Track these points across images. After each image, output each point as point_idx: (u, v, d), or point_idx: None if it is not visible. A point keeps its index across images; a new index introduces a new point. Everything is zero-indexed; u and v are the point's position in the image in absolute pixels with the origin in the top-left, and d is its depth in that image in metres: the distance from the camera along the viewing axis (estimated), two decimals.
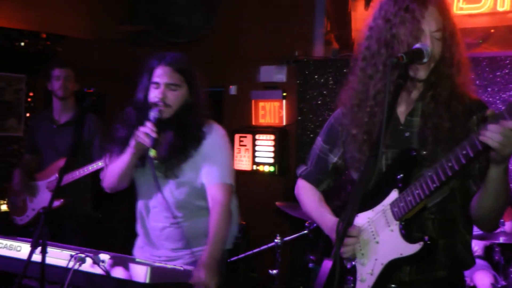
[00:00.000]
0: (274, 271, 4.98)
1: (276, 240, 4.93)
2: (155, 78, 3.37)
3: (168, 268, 3.27)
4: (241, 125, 7.06)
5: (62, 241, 3.45)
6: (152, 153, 3.22)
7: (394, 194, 2.51)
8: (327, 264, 2.12)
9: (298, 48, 6.70)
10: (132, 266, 3.00)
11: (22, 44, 6.70)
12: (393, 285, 2.55)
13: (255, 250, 5.15)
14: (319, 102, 6.50)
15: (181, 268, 3.30)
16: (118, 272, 3.01)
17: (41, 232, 2.81)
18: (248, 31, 7.13)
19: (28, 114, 6.80)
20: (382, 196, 2.55)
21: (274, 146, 6.78)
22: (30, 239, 3.26)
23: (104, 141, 5.28)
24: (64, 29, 6.93)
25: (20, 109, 6.78)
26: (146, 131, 3.24)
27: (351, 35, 6.72)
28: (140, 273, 2.95)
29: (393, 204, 2.51)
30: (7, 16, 6.61)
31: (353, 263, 2.62)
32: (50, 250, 3.10)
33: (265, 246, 5.02)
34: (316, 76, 6.53)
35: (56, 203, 5.10)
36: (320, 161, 2.98)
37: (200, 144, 3.41)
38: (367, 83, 2.67)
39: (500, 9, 5.82)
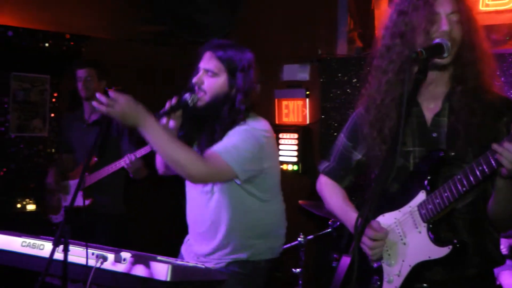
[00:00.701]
0: (298, 270, 4.95)
1: (299, 239, 4.91)
2: (200, 63, 3.33)
3: (189, 266, 3.26)
4: None
5: (94, 240, 3.45)
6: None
7: (421, 196, 2.49)
8: (346, 260, 2.10)
9: (321, 47, 6.67)
10: (153, 264, 2.99)
11: (47, 45, 6.75)
12: (424, 285, 2.53)
13: None
14: (343, 100, 6.46)
15: (203, 266, 3.30)
16: (139, 270, 3.01)
17: (63, 230, 2.80)
18: (271, 29, 7.11)
19: (52, 115, 6.85)
20: (409, 197, 2.53)
21: (297, 145, 6.76)
22: (51, 238, 3.30)
23: (132, 139, 5.31)
24: (87, 30, 6.97)
25: (45, 110, 6.82)
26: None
27: (375, 33, 6.67)
28: (161, 271, 2.94)
29: (420, 206, 2.48)
30: (31, 17, 6.67)
31: (380, 263, 2.61)
32: (72, 248, 3.08)
33: (289, 245, 4.99)
34: (339, 74, 6.49)
35: (86, 202, 5.14)
36: (343, 157, 2.96)
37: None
38: (381, 78, 2.65)
39: None
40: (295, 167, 6.76)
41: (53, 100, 6.88)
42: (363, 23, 6.73)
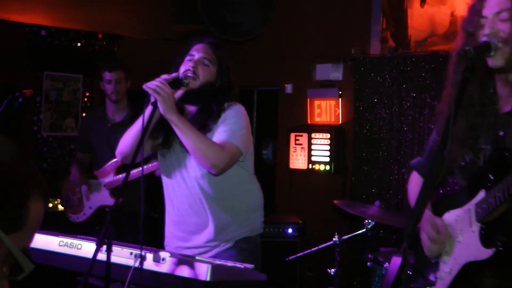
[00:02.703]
0: (333, 270, 4.92)
1: (334, 239, 4.87)
2: (192, 51, 3.49)
3: (228, 266, 3.25)
4: (296, 123, 7.03)
5: (119, 239, 3.44)
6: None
7: (481, 194, 2.47)
8: (396, 260, 2.07)
9: (355, 46, 6.64)
10: (193, 263, 2.97)
11: (79, 44, 6.79)
12: None
13: (313, 249, 5.10)
14: (376, 100, 6.43)
15: (242, 266, 3.29)
16: (179, 270, 2.99)
17: (107, 231, 2.80)
18: (304, 29, 7.10)
19: (84, 114, 6.87)
20: (472, 195, 2.52)
21: (330, 144, 6.73)
22: (90, 237, 3.30)
23: None
24: (120, 29, 7.00)
25: (77, 109, 6.86)
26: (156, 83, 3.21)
27: (408, 32, 6.63)
28: (202, 271, 2.92)
29: (478, 205, 2.47)
30: (64, 16, 6.71)
31: (437, 259, 2.63)
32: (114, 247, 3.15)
33: (324, 245, 4.96)
34: (372, 74, 6.46)
35: (114, 201, 5.13)
36: (432, 153, 2.90)
37: (219, 117, 3.45)
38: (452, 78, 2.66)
39: None
40: (327, 167, 6.73)
41: (85, 99, 6.91)
42: (396, 22, 6.70)
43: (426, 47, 6.52)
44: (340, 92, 6.79)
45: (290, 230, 6.15)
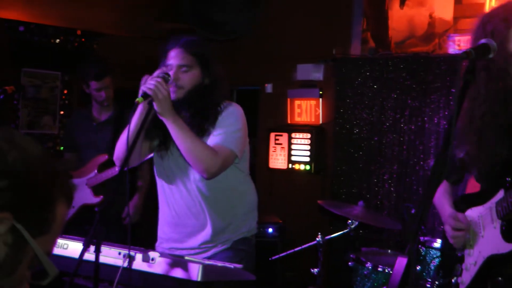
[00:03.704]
0: (316, 270, 4.92)
1: (317, 239, 4.87)
2: (169, 60, 3.38)
3: (218, 266, 3.24)
4: (277, 123, 7.02)
5: (106, 238, 3.39)
6: (139, 100, 3.13)
7: (501, 193, 2.64)
8: (402, 261, 2.09)
9: (336, 47, 6.65)
10: (183, 264, 2.96)
11: (57, 41, 6.71)
12: (499, 278, 2.66)
13: (297, 249, 5.09)
14: (356, 100, 6.46)
15: (231, 266, 3.28)
16: (169, 270, 2.97)
17: (96, 231, 2.77)
18: (286, 29, 7.10)
19: (62, 112, 6.79)
20: (493, 193, 2.70)
21: (310, 144, 6.73)
22: (76, 237, 3.25)
23: None
24: (100, 26, 6.92)
25: (55, 107, 6.78)
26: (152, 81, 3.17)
27: (388, 33, 6.67)
28: (193, 271, 2.91)
29: (498, 203, 2.64)
30: (42, 12, 6.61)
31: (463, 253, 2.83)
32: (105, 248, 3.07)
33: (308, 245, 4.96)
34: (353, 75, 6.49)
35: (96, 200, 5.10)
36: (452, 155, 2.96)
37: (217, 119, 3.41)
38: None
39: None
40: (307, 167, 6.74)
41: (63, 97, 6.83)
42: (377, 23, 6.73)
43: (405, 48, 6.56)
44: (320, 92, 6.79)
45: (270, 230, 6.14)
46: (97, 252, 2.84)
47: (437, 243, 4.38)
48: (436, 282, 4.17)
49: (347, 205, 5.08)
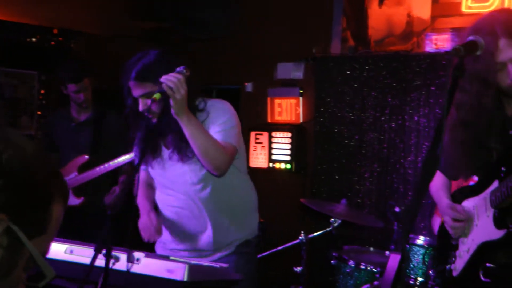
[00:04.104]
0: (299, 268, 4.92)
1: (300, 237, 4.88)
2: (132, 92, 3.32)
3: (204, 266, 3.22)
4: (257, 122, 7.00)
5: (85, 239, 3.37)
6: (157, 96, 3.08)
7: (495, 184, 2.76)
8: (395, 258, 2.12)
9: (316, 45, 6.65)
10: (169, 264, 2.94)
11: (34, 39, 6.62)
12: (490, 265, 2.75)
13: (280, 248, 5.09)
14: (337, 99, 6.46)
15: (217, 266, 3.27)
16: (155, 270, 2.95)
17: (105, 236, 2.76)
18: (266, 28, 7.07)
19: (39, 112, 6.71)
20: (488, 184, 2.82)
21: (290, 143, 6.72)
22: (58, 239, 3.19)
23: (125, 138, 5.24)
24: (77, 25, 6.84)
25: (33, 107, 6.69)
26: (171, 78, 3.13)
27: (368, 32, 6.68)
28: (179, 271, 2.89)
29: (492, 193, 2.75)
30: (18, 11, 6.52)
31: (457, 241, 2.96)
32: (82, 249, 3.09)
33: (291, 243, 4.97)
34: (333, 73, 6.49)
35: (77, 201, 5.05)
36: (449, 154, 3.05)
37: (203, 119, 3.37)
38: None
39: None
40: (288, 166, 6.73)
41: (40, 97, 6.75)
42: (357, 22, 6.74)
43: (384, 47, 6.59)
44: (301, 91, 6.78)
45: None
46: (108, 257, 2.83)
47: (420, 240, 4.40)
48: (430, 272, 4.20)
49: (330, 203, 5.09)
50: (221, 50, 7.26)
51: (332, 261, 4.84)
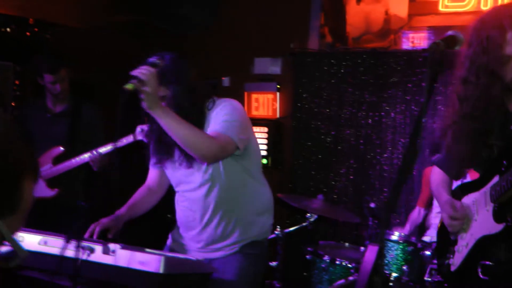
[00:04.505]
0: (274, 263, 4.92)
1: (276, 232, 4.88)
2: None
3: (181, 258, 3.23)
4: None
5: (60, 231, 3.33)
6: (129, 86, 3.08)
7: (496, 179, 2.75)
8: (372, 249, 2.11)
9: (294, 41, 6.65)
10: (145, 256, 2.93)
11: (8, 30, 6.51)
12: (489, 263, 2.73)
13: None
14: (314, 95, 6.47)
15: (194, 259, 3.27)
16: (130, 262, 2.94)
17: (79, 226, 2.74)
18: (244, 22, 7.05)
19: (13, 104, 6.61)
20: (488, 180, 2.81)
21: (267, 138, 6.73)
22: (27, 229, 3.16)
23: (102, 131, 5.20)
24: (54, 16, 6.74)
25: (7, 98, 6.59)
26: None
27: (345, 29, 6.70)
28: (154, 263, 2.89)
29: (492, 187, 2.75)
30: None
31: (456, 236, 2.95)
32: (56, 240, 3.07)
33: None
34: (311, 69, 6.50)
35: (51, 193, 5.00)
36: (450, 150, 3.06)
37: (205, 118, 3.39)
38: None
39: (484, 8, 5.95)
40: (264, 161, 6.72)
41: (15, 88, 6.65)
42: (335, 18, 6.75)
43: (362, 44, 6.61)
44: (278, 86, 6.79)
45: None
46: (78, 248, 2.82)
47: (395, 236, 4.42)
48: (404, 267, 4.27)
49: (306, 198, 5.10)
50: (199, 44, 7.22)
51: (307, 256, 4.83)
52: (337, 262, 4.62)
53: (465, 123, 2.82)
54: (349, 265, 4.58)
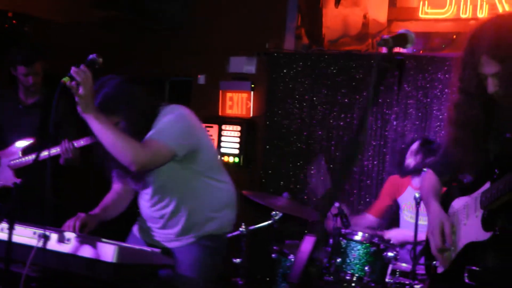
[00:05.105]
0: (238, 260, 4.93)
1: (241, 229, 4.88)
2: None
3: (136, 249, 3.23)
4: (208, 115, 6.98)
5: (27, 220, 3.33)
6: (66, 79, 3.12)
7: (487, 185, 2.75)
8: (309, 239, 2.13)
9: (269, 41, 6.66)
10: (99, 245, 2.94)
11: None
12: (476, 268, 2.73)
13: None
14: (287, 95, 6.48)
15: (149, 250, 3.27)
16: (84, 251, 2.95)
17: (10, 208, 2.72)
18: (220, 20, 7.06)
19: None
20: (480, 185, 2.80)
21: (240, 137, 6.74)
22: None
23: (73, 125, 5.18)
24: (32, 9, 6.72)
25: None
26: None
27: (322, 31, 6.72)
28: (107, 252, 2.90)
29: (483, 194, 2.74)
30: None
31: None
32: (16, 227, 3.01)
33: (230, 235, 4.96)
34: (285, 69, 6.50)
35: (17, 181, 4.96)
36: (446, 154, 3.13)
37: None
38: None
39: (463, 16, 6.06)
40: (236, 160, 6.74)
41: None
42: (311, 20, 6.77)
43: (339, 47, 6.64)
44: (252, 86, 6.80)
45: None
46: (11, 230, 2.80)
47: (358, 236, 4.41)
48: (366, 268, 4.26)
49: (272, 196, 5.09)
50: (175, 41, 7.22)
51: (273, 255, 4.83)
52: None
53: (458, 129, 2.86)
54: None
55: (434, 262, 2.97)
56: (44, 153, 4.91)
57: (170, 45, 7.26)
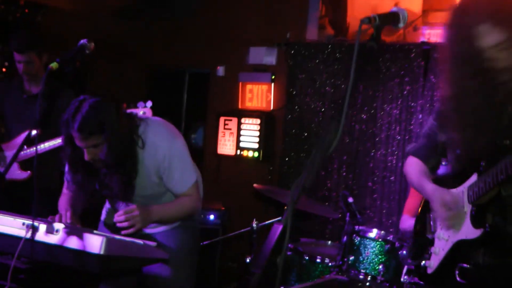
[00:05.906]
0: (249, 258, 4.78)
1: (252, 225, 4.73)
2: (75, 142, 3.37)
3: (125, 241, 3.15)
4: (227, 108, 6.81)
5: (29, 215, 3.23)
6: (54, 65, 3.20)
7: (473, 178, 2.67)
8: (277, 228, 2.00)
9: (291, 31, 6.47)
10: (87, 236, 2.88)
11: None
12: (466, 265, 2.69)
13: (229, 235, 4.95)
14: (308, 87, 6.26)
15: (141, 243, 3.18)
16: (72, 242, 2.89)
17: None
18: (239, 11, 6.92)
19: None
20: (465, 178, 2.73)
21: (259, 131, 6.54)
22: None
23: None
24: None
25: None
26: None
27: (346, 20, 6.50)
28: (95, 244, 2.84)
29: (470, 187, 2.68)
30: None
31: (434, 235, 2.91)
32: (2, 217, 3.05)
33: (240, 231, 4.82)
34: (306, 60, 6.30)
35: (24, 175, 4.91)
36: (429, 138, 3.06)
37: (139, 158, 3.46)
38: None
39: None
40: (256, 154, 6.55)
41: (4, 69, 6.55)
42: (335, 9, 6.57)
43: (366, 38, 6.39)
44: (273, 77, 6.61)
45: (212, 217, 5.99)
46: None
47: (372, 233, 4.24)
48: (380, 266, 4.17)
49: (285, 191, 4.90)
50: (194, 32, 7.09)
51: (287, 253, 4.66)
52: (318, 260, 4.45)
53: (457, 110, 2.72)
54: (329, 264, 4.41)
55: (424, 262, 2.92)
56: (46, 144, 4.84)
57: (189, 35, 7.11)
